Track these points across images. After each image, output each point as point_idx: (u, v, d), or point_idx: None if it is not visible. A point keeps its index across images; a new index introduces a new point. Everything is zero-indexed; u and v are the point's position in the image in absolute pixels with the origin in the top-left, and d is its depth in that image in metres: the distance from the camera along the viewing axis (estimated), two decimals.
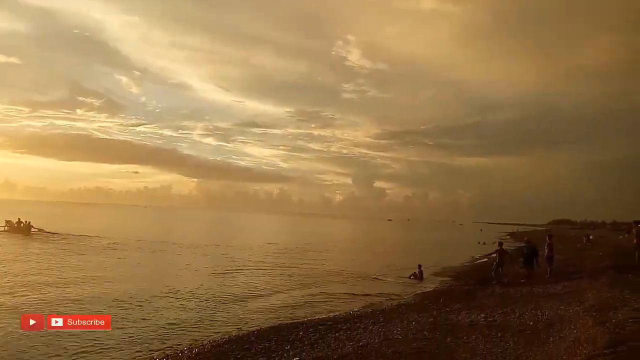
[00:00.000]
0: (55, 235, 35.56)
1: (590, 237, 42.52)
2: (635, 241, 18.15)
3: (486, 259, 29.54)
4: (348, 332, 10.21)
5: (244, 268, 23.45)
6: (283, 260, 27.93)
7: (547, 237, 18.71)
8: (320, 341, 9.42)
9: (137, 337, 10.03)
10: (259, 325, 11.37)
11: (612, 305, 9.94)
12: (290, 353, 8.51)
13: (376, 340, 9.18)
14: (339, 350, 8.55)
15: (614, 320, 8.41)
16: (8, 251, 25.69)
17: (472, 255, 35.98)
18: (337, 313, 13.20)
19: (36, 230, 36.36)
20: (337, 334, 10.10)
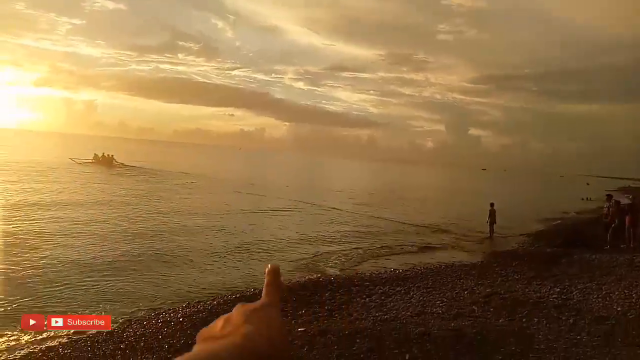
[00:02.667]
0: (134, 168, 38.83)
1: None
2: None
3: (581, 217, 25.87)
4: (382, 298, 8.72)
5: (307, 211, 22.64)
6: (359, 207, 26.55)
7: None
8: (343, 307, 8.08)
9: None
10: (292, 279, 10.19)
11: None
12: (300, 321, 7.17)
13: (408, 313, 7.59)
14: (357, 322, 7.11)
15: None
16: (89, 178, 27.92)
17: (568, 212, 31.84)
18: (384, 271, 11.63)
19: (117, 163, 39.50)
20: (368, 298, 8.67)
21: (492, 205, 18.60)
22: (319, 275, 10.85)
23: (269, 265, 0.63)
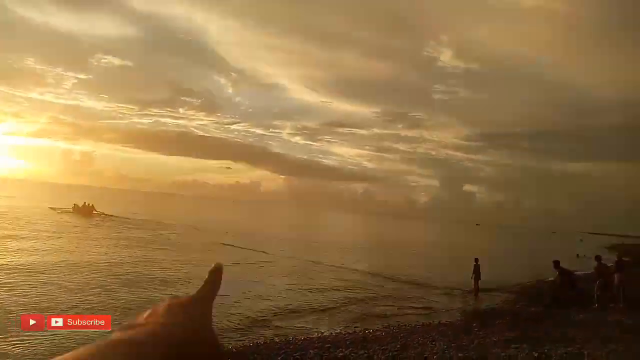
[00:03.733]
0: (113, 218, 38.31)
1: None
2: None
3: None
4: None
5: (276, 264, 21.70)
6: (344, 261, 25.57)
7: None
8: None
9: None
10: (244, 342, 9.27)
11: None
12: None
13: None
14: None
15: None
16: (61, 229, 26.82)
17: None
18: (352, 331, 10.75)
19: (97, 212, 38.92)
20: None
21: (476, 260, 17.92)
22: (276, 336, 9.86)
23: (214, 264, 0.63)
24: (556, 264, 15.24)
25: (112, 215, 39.03)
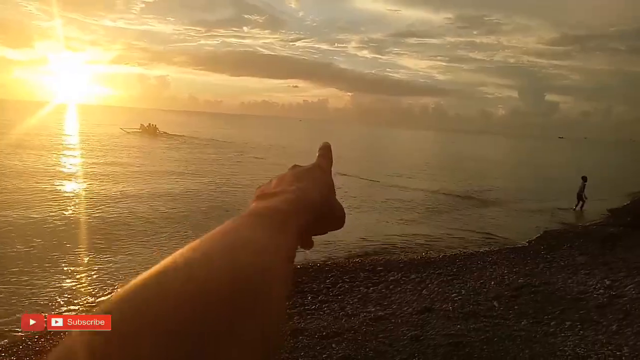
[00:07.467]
0: (175, 137, 41.61)
1: None
2: None
3: None
4: (391, 287, 7.72)
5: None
6: (412, 182, 24.76)
7: None
8: (339, 298, 7.20)
9: None
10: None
11: None
12: None
13: (410, 310, 6.52)
14: (343, 320, 6.15)
15: None
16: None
17: None
18: (405, 258, 10.38)
19: (161, 132, 42.37)
20: (372, 288, 7.75)
21: (584, 179, 17.17)
22: (327, 258, 9.68)
23: (322, 143, 0.68)
24: None
25: (174, 134, 42.55)
